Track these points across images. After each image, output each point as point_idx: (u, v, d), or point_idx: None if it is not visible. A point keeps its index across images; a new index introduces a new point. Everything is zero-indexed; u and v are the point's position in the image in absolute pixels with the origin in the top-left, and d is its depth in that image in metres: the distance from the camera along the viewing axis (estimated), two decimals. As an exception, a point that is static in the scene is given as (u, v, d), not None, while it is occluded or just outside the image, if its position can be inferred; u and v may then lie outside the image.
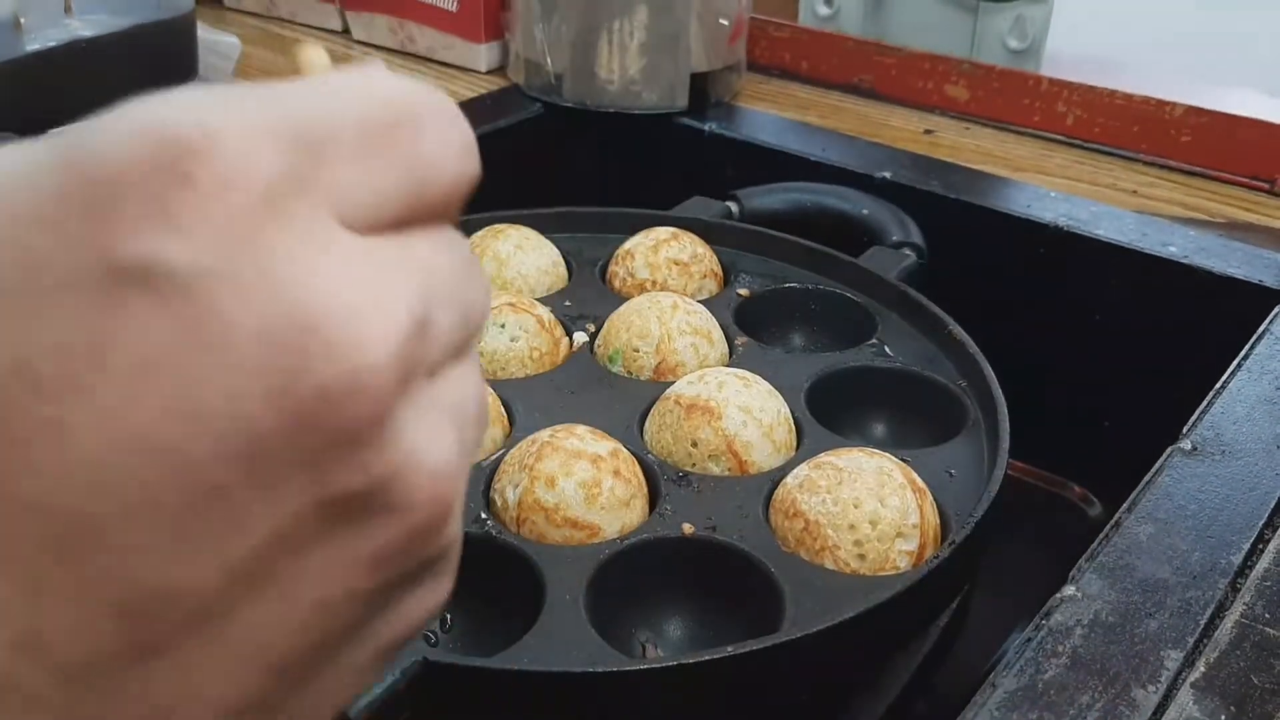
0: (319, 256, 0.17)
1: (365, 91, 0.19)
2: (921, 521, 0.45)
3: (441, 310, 0.19)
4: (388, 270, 0.18)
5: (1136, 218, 0.70)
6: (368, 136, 0.18)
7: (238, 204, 0.16)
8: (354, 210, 0.18)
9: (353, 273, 0.17)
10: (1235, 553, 0.42)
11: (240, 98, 0.17)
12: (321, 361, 0.17)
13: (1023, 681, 0.36)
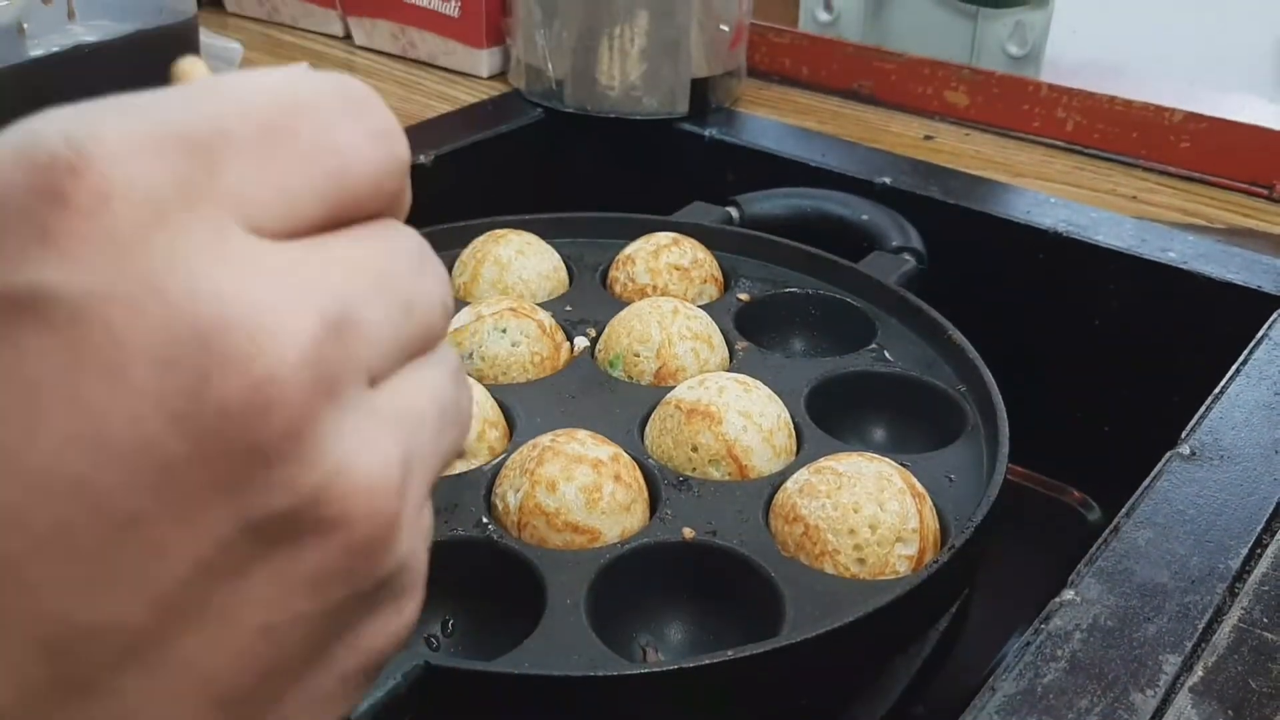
0: (215, 265, 0.16)
1: (257, 88, 0.18)
2: (921, 526, 0.46)
3: (372, 307, 0.18)
4: (297, 272, 0.17)
5: (1136, 223, 0.70)
6: (266, 134, 0.17)
7: (120, 219, 0.15)
8: (262, 213, 0.17)
9: (254, 279, 0.16)
10: (1233, 557, 0.42)
11: (123, 107, 0.17)
12: (221, 377, 0.16)
13: (1021, 685, 0.36)
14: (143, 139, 0.16)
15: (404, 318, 0.19)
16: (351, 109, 0.19)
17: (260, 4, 1.00)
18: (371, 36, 0.94)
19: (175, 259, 0.16)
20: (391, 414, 0.18)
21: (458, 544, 0.45)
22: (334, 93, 0.19)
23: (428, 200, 0.79)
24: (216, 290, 0.16)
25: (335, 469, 0.17)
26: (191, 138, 0.17)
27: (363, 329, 0.18)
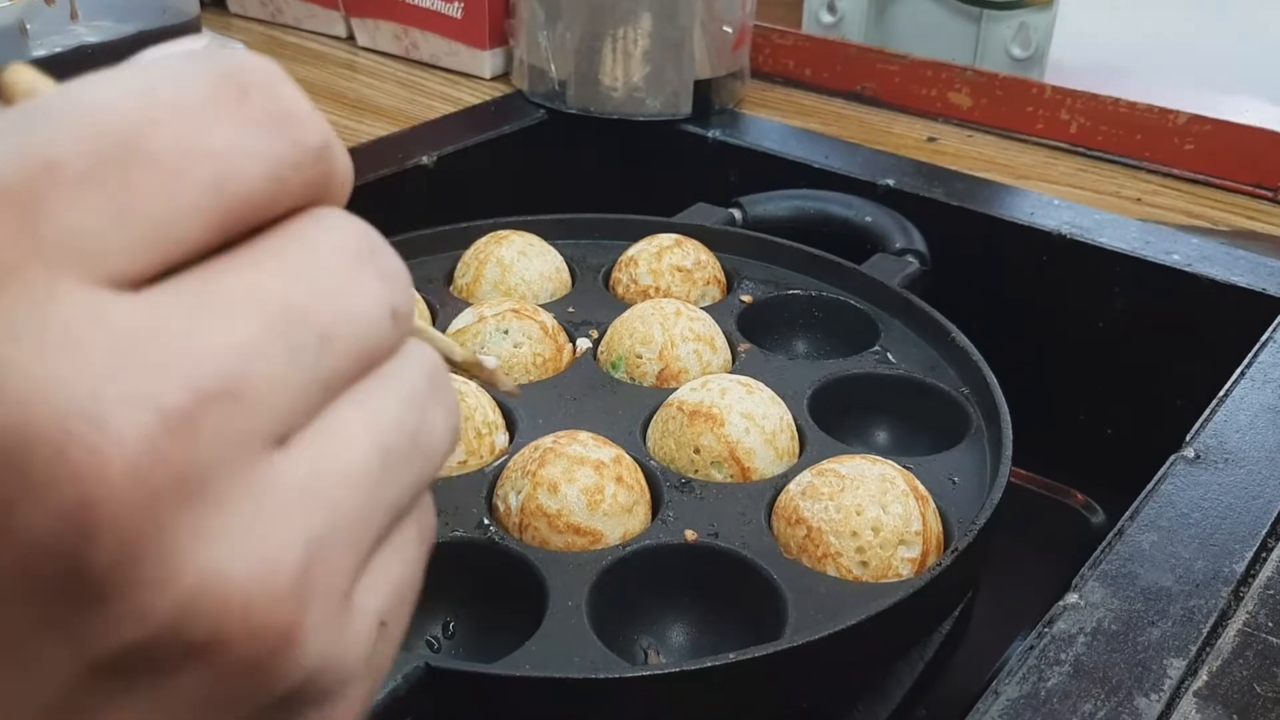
0: (23, 349, 0.13)
1: (99, 100, 0.15)
2: (924, 529, 0.45)
3: (266, 356, 0.15)
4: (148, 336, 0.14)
5: (1140, 225, 0.70)
6: (110, 156, 0.14)
7: None
8: (115, 258, 0.14)
9: (81, 361, 0.13)
10: (1238, 561, 0.42)
11: None
12: (29, 502, 0.13)
13: (1025, 689, 0.36)
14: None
15: (319, 353, 0.16)
16: (228, 99, 0.16)
17: (263, 5, 1.00)
18: (374, 38, 0.94)
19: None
20: (296, 485, 0.15)
21: (458, 545, 0.45)
22: (204, 84, 0.15)
23: (430, 201, 0.79)
24: (28, 386, 0.13)
25: (196, 585, 0.14)
26: (8, 188, 0.14)
27: (251, 392, 0.15)
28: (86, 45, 0.72)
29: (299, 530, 0.15)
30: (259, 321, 0.15)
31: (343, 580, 0.16)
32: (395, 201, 0.73)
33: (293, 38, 0.97)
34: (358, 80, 0.89)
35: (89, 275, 0.14)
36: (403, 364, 0.17)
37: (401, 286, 0.17)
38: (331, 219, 0.17)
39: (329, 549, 0.16)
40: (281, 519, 0.15)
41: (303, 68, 0.91)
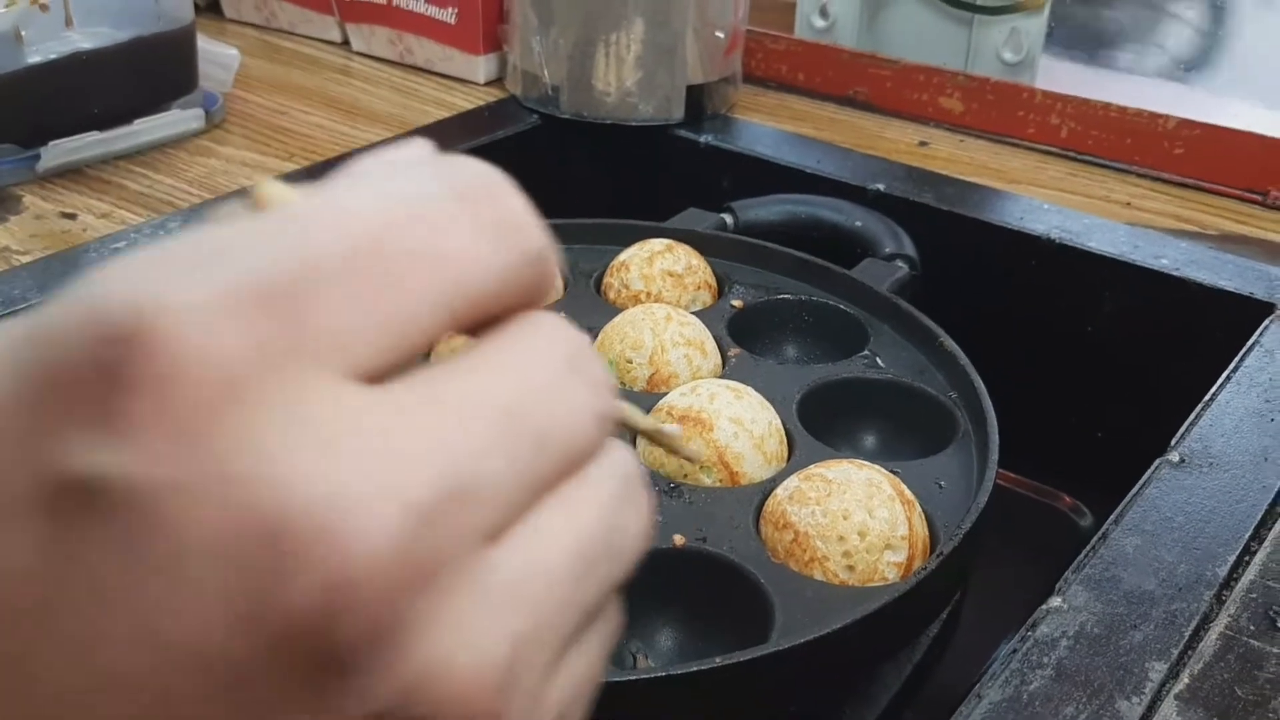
0: (292, 443, 0.14)
1: (349, 208, 0.16)
2: (910, 533, 0.46)
3: (492, 457, 0.16)
4: (395, 432, 0.15)
5: (1129, 230, 0.70)
6: (361, 261, 0.15)
7: (186, 400, 0.14)
8: (362, 351, 0.15)
9: (336, 455, 0.14)
10: (1221, 565, 0.42)
11: (197, 258, 0.15)
12: (290, 579, 0.14)
13: (1008, 693, 0.36)
14: (217, 301, 0.14)
15: (535, 455, 0.17)
16: (463, 205, 0.17)
17: (258, 10, 1.00)
18: (369, 43, 0.95)
19: (246, 440, 0.14)
20: (508, 585, 0.16)
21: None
22: (441, 191, 0.17)
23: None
24: (289, 476, 0.14)
25: (424, 671, 0.15)
26: (273, 287, 0.15)
27: (478, 492, 0.16)
28: (81, 51, 0.73)
29: (508, 626, 0.16)
30: (485, 423, 0.16)
31: (538, 678, 0.17)
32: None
33: (288, 43, 0.98)
34: (352, 85, 0.89)
35: (339, 369, 0.15)
36: (602, 467, 0.18)
37: (606, 392, 0.18)
38: (546, 324, 0.18)
39: (530, 647, 0.16)
40: (495, 614, 0.16)
41: (297, 73, 0.91)
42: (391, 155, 0.19)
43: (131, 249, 0.62)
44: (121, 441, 0.14)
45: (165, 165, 0.74)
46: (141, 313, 0.14)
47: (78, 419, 0.14)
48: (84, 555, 0.14)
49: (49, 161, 0.71)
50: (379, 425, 0.15)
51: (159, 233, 0.65)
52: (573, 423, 0.17)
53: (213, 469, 0.14)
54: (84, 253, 0.63)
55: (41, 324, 0.15)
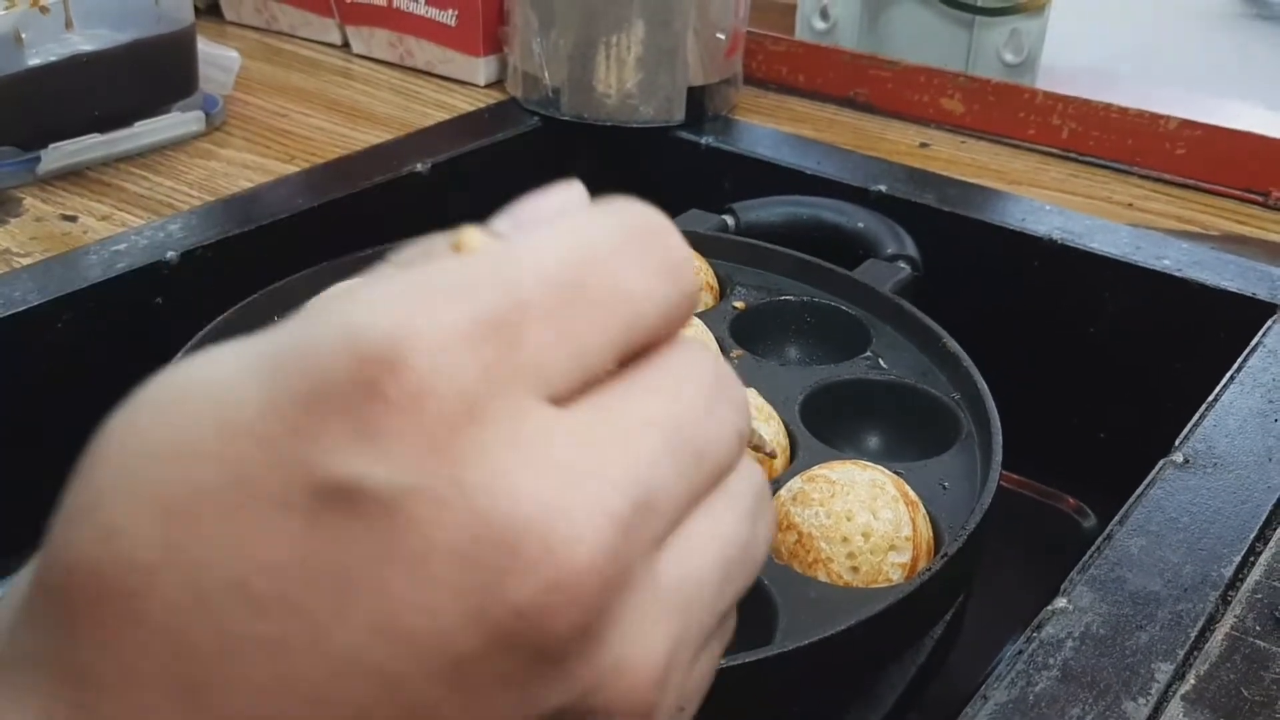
0: (515, 456, 0.16)
1: (549, 247, 0.18)
2: (914, 534, 0.46)
3: (664, 471, 0.18)
4: (592, 454, 0.17)
5: (1131, 231, 0.70)
6: (561, 296, 0.18)
7: (432, 416, 0.16)
8: (560, 378, 0.17)
9: (549, 473, 0.17)
10: (1226, 565, 0.42)
11: (432, 290, 0.17)
12: (516, 578, 0.16)
13: (1013, 694, 0.36)
14: (457, 330, 0.16)
15: (695, 468, 0.19)
16: (638, 246, 0.19)
17: (258, 13, 1.00)
18: (369, 45, 0.95)
19: (479, 454, 0.16)
20: (671, 589, 0.18)
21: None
22: (622, 232, 0.19)
23: (425, 208, 0.79)
24: (514, 489, 0.16)
25: (612, 665, 0.17)
26: (496, 319, 0.17)
27: (656, 503, 0.18)
28: (82, 54, 0.73)
29: (670, 627, 0.18)
30: (658, 440, 0.18)
31: (682, 676, 0.19)
32: (390, 208, 0.73)
33: (288, 45, 0.97)
34: (353, 88, 0.89)
35: (543, 394, 0.17)
36: (740, 481, 0.20)
37: (746, 412, 0.20)
38: (693, 352, 0.20)
39: (682, 647, 0.19)
40: (661, 616, 0.18)
41: (298, 75, 0.91)
42: (558, 199, 0.20)
43: (132, 251, 0.62)
44: (379, 451, 0.16)
45: (165, 167, 0.74)
46: (397, 337, 0.16)
47: (337, 429, 0.16)
48: (336, 552, 0.16)
49: (49, 164, 0.71)
50: (579, 443, 0.17)
51: (159, 234, 0.64)
52: (722, 439, 0.19)
53: (456, 478, 0.16)
54: (84, 255, 0.62)
55: (297, 342, 0.17)
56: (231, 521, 0.16)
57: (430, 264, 0.18)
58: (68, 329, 0.59)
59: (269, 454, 0.16)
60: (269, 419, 0.16)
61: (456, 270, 0.17)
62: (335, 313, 0.17)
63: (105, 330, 0.61)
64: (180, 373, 0.17)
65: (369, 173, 0.73)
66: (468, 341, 0.16)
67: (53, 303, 0.59)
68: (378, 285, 0.17)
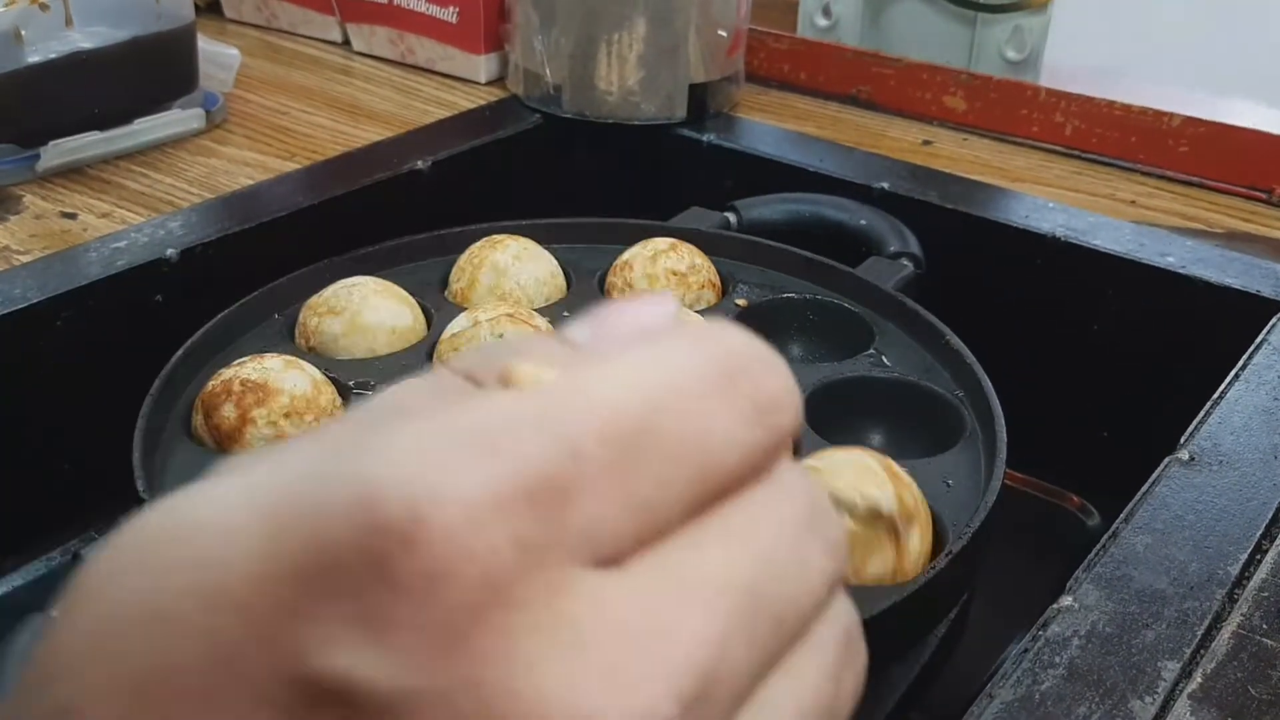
0: (548, 644, 0.14)
1: (621, 389, 0.15)
2: (901, 506, 0.45)
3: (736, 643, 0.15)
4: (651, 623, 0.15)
5: (1134, 228, 0.70)
6: (628, 447, 0.15)
7: (450, 605, 0.13)
8: (615, 540, 0.15)
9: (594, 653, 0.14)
10: (1232, 563, 0.42)
11: (468, 443, 0.14)
12: None
13: (1019, 692, 0.36)
14: (489, 496, 0.14)
15: (773, 635, 0.16)
16: (726, 384, 0.16)
17: (259, 10, 1.00)
18: (370, 43, 0.94)
19: (504, 646, 0.14)
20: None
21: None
22: (705, 370, 0.16)
23: (426, 206, 0.79)
24: (542, 690, 0.14)
25: None
26: (540, 482, 0.14)
27: (719, 685, 0.15)
28: (81, 51, 0.72)
29: None
30: (729, 605, 0.15)
31: None
32: (390, 206, 0.73)
33: (288, 43, 0.97)
34: (353, 85, 0.89)
35: (590, 559, 0.15)
36: (827, 628, 0.18)
37: (842, 553, 0.18)
38: (787, 485, 0.17)
39: None
40: None
41: (298, 73, 0.91)
42: (642, 315, 0.18)
43: (132, 248, 0.62)
44: (383, 645, 0.13)
45: (166, 165, 0.74)
46: (417, 504, 0.14)
47: (338, 614, 0.14)
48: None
49: (49, 161, 0.71)
50: (630, 618, 0.14)
51: (159, 232, 0.64)
52: (810, 592, 0.17)
53: (472, 680, 0.14)
54: (84, 252, 0.62)
55: (308, 495, 0.14)
56: (203, 712, 0.14)
57: (471, 403, 0.15)
58: (67, 327, 0.59)
59: (257, 634, 0.14)
60: (262, 592, 0.14)
61: (500, 414, 0.15)
62: (356, 461, 0.14)
63: (105, 328, 0.61)
64: (177, 508, 0.15)
65: (370, 170, 0.73)
66: (501, 510, 0.14)
67: (52, 300, 0.58)
68: (406, 429, 0.15)
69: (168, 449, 0.50)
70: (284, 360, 0.53)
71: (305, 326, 0.58)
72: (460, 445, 0.14)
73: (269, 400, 0.51)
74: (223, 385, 0.51)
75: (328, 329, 0.57)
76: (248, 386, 0.51)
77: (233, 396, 0.50)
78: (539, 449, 0.14)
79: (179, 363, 0.53)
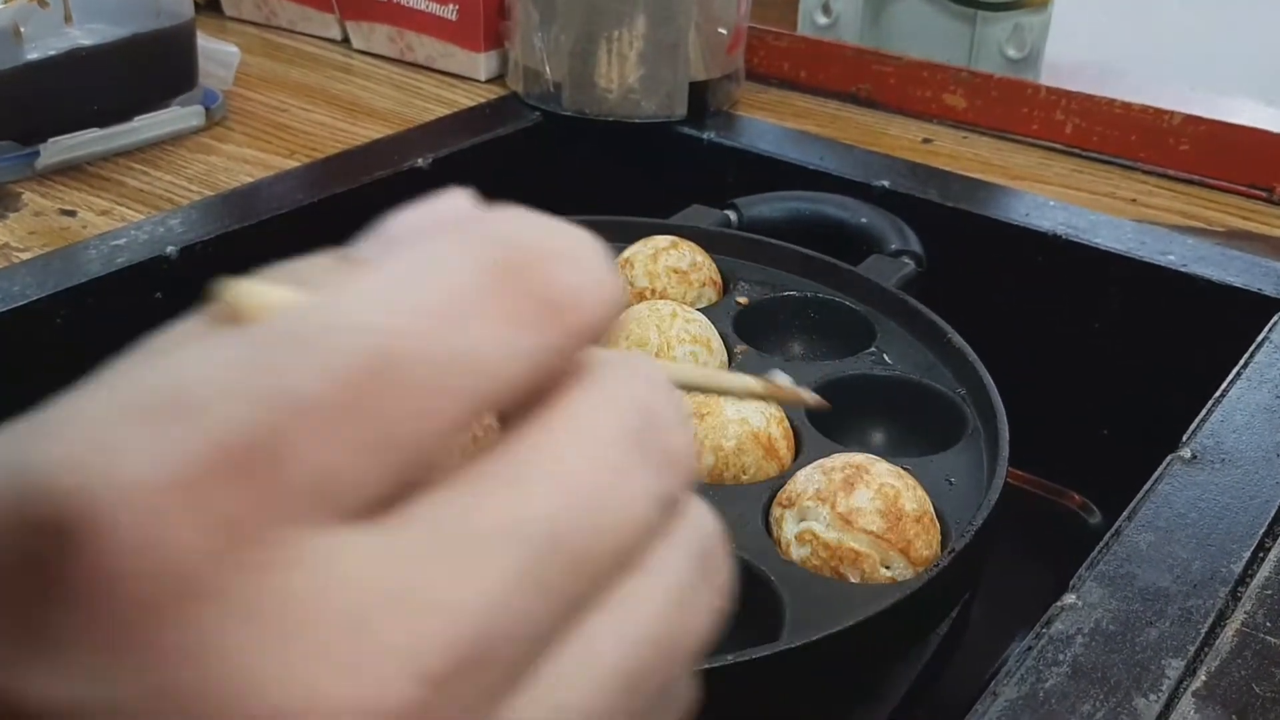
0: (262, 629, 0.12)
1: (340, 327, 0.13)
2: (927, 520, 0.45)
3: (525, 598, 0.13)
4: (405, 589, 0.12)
5: (1135, 226, 0.70)
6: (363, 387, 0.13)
7: (126, 606, 0.12)
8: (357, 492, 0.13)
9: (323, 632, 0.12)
10: (1236, 561, 0.42)
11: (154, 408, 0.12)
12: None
13: (1023, 690, 0.36)
14: (175, 473, 0.12)
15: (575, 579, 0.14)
16: (505, 283, 0.14)
17: (258, 8, 1.00)
18: (369, 40, 0.94)
19: (193, 645, 0.12)
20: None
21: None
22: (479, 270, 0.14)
23: (425, 203, 0.78)
24: (241, 686, 0.12)
25: None
26: (247, 442, 0.12)
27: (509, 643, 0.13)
28: (80, 48, 0.72)
29: None
30: (510, 561, 0.13)
31: None
32: (390, 204, 0.72)
33: (287, 40, 0.97)
34: (353, 83, 0.89)
35: (327, 516, 0.12)
36: (671, 551, 0.15)
37: (684, 462, 0.15)
38: (606, 389, 0.15)
39: None
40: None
41: (297, 70, 0.90)
42: (424, 216, 0.16)
43: (132, 246, 0.62)
44: (57, 660, 0.12)
45: (165, 162, 0.74)
46: (82, 495, 0.11)
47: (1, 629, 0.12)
48: None
49: (48, 158, 0.71)
50: (375, 585, 0.12)
51: (159, 229, 0.64)
52: (629, 521, 0.14)
53: (162, 685, 0.12)
54: (84, 250, 0.62)
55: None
56: None
57: (176, 353, 0.13)
58: (67, 324, 0.59)
59: None
60: None
61: (201, 362, 0.13)
62: (19, 446, 0.12)
63: (105, 325, 0.60)
64: None
65: (369, 168, 0.73)
66: (187, 489, 0.12)
67: (52, 298, 0.58)
68: (93, 399, 0.12)
69: (168, 447, 0.50)
70: (285, 358, 0.53)
71: (306, 324, 0.58)
72: (140, 414, 0.12)
73: (270, 398, 0.50)
74: (223, 383, 0.51)
75: (328, 327, 0.57)
76: (248, 384, 0.50)
77: (233, 394, 0.50)
78: (237, 406, 0.12)
79: (179, 360, 0.53)
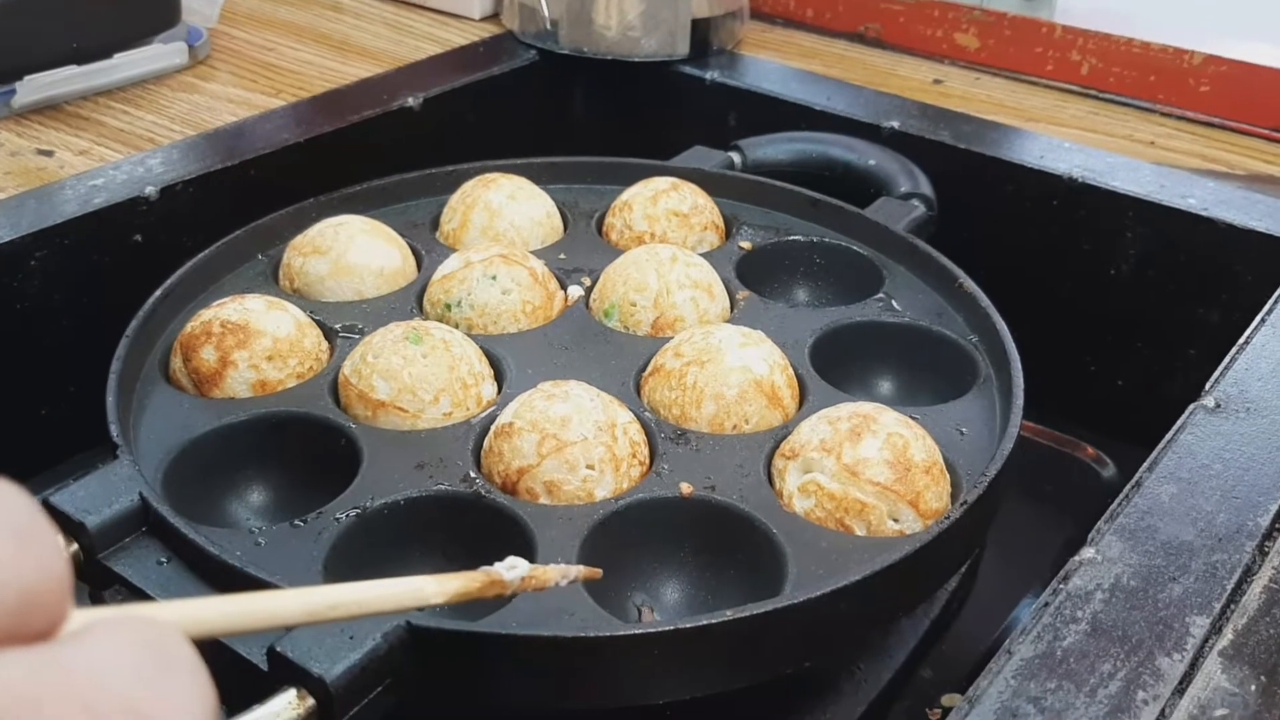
0: None
1: None
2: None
3: None
4: None
5: (1154, 169, 0.67)
6: None
7: None
8: None
9: None
10: (1263, 514, 0.40)
11: None
12: None
13: (1040, 648, 0.34)
14: None
15: None
16: None
17: (245, -56, 0.96)
18: (360, -23, 0.91)
19: None
20: None
21: (443, 499, 0.43)
22: None
23: (416, 144, 0.76)
24: None
25: None
26: None
27: None
28: None
29: None
30: None
31: None
32: (379, 143, 0.70)
33: (276, -22, 0.94)
34: (343, 21, 0.86)
35: None
36: None
37: None
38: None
39: None
40: None
41: (286, 8, 0.87)
42: None
43: (109, 186, 0.59)
44: None
45: (147, 101, 0.71)
46: None
47: None
48: None
49: (25, 97, 0.68)
50: None
51: (138, 169, 0.62)
52: None
53: None
54: (60, 190, 0.60)
55: None
56: None
57: None
58: (42, 266, 0.57)
59: None
60: None
61: None
62: None
63: (81, 267, 0.58)
64: None
65: (358, 107, 0.70)
66: None
67: (27, 238, 0.56)
68: None
69: (144, 393, 0.48)
70: (267, 301, 0.50)
71: (289, 267, 0.56)
72: None
73: (250, 342, 0.48)
74: (203, 327, 0.49)
75: (313, 269, 0.55)
76: (228, 328, 0.48)
77: (213, 338, 0.48)
78: None
79: (157, 303, 0.51)
